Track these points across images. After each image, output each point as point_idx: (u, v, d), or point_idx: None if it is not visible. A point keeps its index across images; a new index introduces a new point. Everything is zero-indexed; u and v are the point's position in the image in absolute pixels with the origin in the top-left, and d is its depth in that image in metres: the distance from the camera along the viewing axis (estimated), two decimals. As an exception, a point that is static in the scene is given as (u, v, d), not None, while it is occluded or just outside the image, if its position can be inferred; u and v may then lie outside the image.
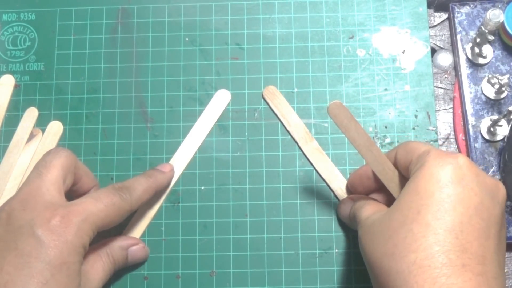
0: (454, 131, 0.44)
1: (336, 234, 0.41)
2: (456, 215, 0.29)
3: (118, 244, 0.38)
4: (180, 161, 0.43)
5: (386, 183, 0.35)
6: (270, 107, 0.44)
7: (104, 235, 0.38)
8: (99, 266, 0.36)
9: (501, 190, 0.32)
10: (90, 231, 0.33)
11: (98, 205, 0.34)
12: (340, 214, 0.41)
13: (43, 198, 0.33)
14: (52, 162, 0.35)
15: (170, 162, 0.43)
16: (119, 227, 0.39)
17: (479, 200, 0.30)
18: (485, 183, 0.31)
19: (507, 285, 0.41)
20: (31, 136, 0.44)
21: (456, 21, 0.45)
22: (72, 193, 0.38)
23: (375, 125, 0.43)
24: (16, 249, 0.31)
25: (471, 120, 0.43)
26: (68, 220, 0.32)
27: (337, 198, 0.42)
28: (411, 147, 0.34)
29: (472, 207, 0.30)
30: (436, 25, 0.46)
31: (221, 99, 0.44)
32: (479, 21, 0.44)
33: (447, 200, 0.30)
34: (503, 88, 0.42)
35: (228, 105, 0.44)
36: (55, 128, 0.44)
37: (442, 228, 0.29)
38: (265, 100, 0.44)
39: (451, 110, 0.44)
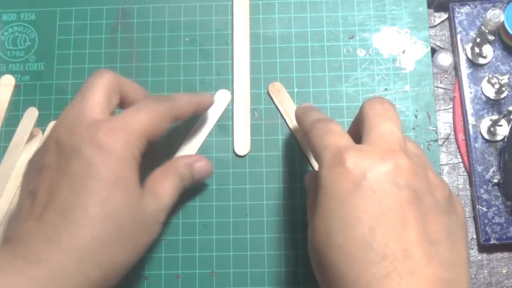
0: (454, 131, 0.44)
1: (336, 234, 0.41)
2: (363, 225, 0.27)
3: (183, 161, 0.38)
4: (180, 161, 0.43)
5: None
6: (274, 103, 0.44)
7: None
8: (166, 183, 0.36)
9: (401, 161, 0.29)
10: (137, 141, 0.33)
11: (140, 114, 0.34)
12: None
13: (86, 120, 0.33)
14: (95, 84, 0.34)
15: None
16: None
17: (381, 195, 0.28)
18: (381, 170, 0.28)
19: (507, 286, 0.41)
20: (31, 136, 0.44)
21: (456, 21, 0.45)
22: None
23: (375, 125, 0.43)
24: (69, 173, 0.31)
25: (471, 120, 0.43)
26: (113, 133, 0.32)
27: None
28: (313, 143, 0.32)
29: (377, 206, 0.27)
30: (436, 25, 0.46)
31: (221, 99, 0.44)
32: (479, 21, 0.44)
33: (349, 214, 0.28)
34: (503, 88, 0.42)
35: (228, 105, 0.44)
36: (55, 128, 0.44)
37: (354, 246, 0.27)
38: (270, 96, 0.44)
39: (451, 110, 0.44)
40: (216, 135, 0.44)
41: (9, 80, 0.45)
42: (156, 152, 0.43)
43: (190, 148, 0.43)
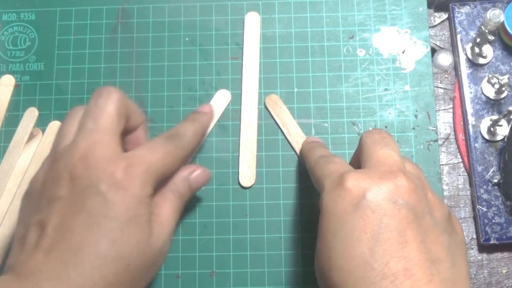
0: (454, 131, 0.44)
1: (336, 234, 0.41)
2: (362, 245, 0.27)
3: (178, 177, 0.37)
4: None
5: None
6: (271, 116, 0.44)
7: None
8: (167, 206, 0.35)
9: (399, 181, 0.29)
10: (153, 181, 0.32)
11: (156, 155, 0.33)
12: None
13: (103, 152, 0.32)
14: (106, 108, 0.33)
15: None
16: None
17: (380, 215, 0.28)
18: (380, 190, 0.29)
19: (507, 286, 0.41)
20: (31, 136, 0.44)
21: (456, 21, 0.45)
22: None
23: (375, 125, 0.43)
24: (84, 210, 0.30)
25: (471, 120, 0.43)
26: (131, 172, 0.31)
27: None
28: (316, 176, 0.33)
29: (376, 226, 0.28)
30: (436, 25, 0.46)
31: (221, 99, 0.44)
32: (479, 21, 0.44)
33: (349, 234, 0.28)
34: (503, 88, 0.42)
35: (228, 105, 0.44)
36: (55, 128, 0.44)
37: (355, 266, 0.27)
38: (266, 109, 0.44)
39: (451, 110, 0.44)
40: (216, 135, 0.44)
41: (9, 80, 0.45)
42: None
43: (190, 148, 0.43)
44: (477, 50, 0.43)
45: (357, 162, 0.34)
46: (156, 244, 0.33)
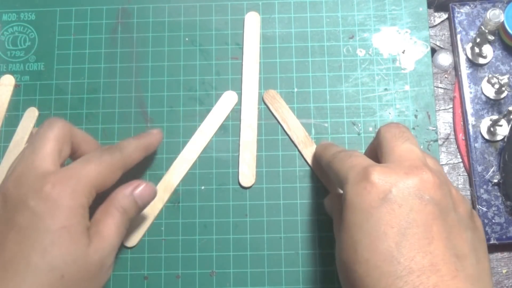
0: (454, 131, 0.44)
1: (336, 234, 0.41)
2: (389, 239, 0.27)
3: (122, 193, 0.36)
4: (185, 161, 0.43)
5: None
6: (270, 111, 0.44)
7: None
8: (109, 222, 0.35)
9: (425, 176, 0.29)
10: (86, 191, 0.33)
11: (90, 166, 0.34)
12: (328, 212, 0.40)
13: (35, 172, 0.33)
14: (46, 135, 0.34)
15: (175, 162, 0.43)
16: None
17: (407, 210, 0.28)
18: (406, 185, 0.29)
19: (507, 286, 0.41)
20: (31, 136, 0.44)
21: (456, 21, 0.45)
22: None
23: (375, 125, 0.43)
24: (15, 226, 0.31)
25: (471, 120, 0.43)
26: (60, 184, 0.32)
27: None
28: (336, 169, 0.33)
29: (403, 220, 0.28)
30: (436, 25, 0.46)
31: (227, 101, 0.44)
32: (479, 21, 0.44)
33: (375, 228, 0.28)
34: (503, 88, 0.42)
35: (236, 104, 0.44)
36: (55, 128, 0.44)
37: (381, 260, 0.27)
38: (265, 104, 0.44)
39: (451, 110, 0.44)
40: (216, 135, 0.44)
41: (9, 80, 0.45)
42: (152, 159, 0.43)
43: (195, 148, 0.43)
44: (477, 50, 0.43)
45: (372, 156, 0.34)
46: (93, 256, 0.33)
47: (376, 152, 0.34)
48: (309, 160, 0.43)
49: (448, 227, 0.28)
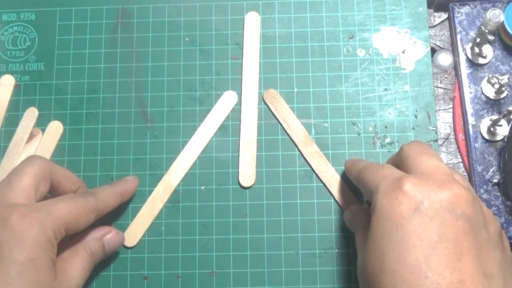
0: (454, 131, 0.44)
1: (336, 234, 0.41)
2: (418, 252, 0.27)
3: (92, 236, 0.38)
4: (185, 161, 0.43)
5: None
6: (270, 110, 0.44)
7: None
8: (76, 261, 0.36)
9: (457, 191, 0.29)
10: (55, 226, 0.33)
11: (60, 204, 0.34)
12: (347, 223, 0.40)
13: (6, 202, 0.33)
14: (23, 169, 0.35)
15: (175, 162, 0.43)
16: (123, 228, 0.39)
17: (438, 223, 0.28)
18: (439, 198, 0.29)
19: (507, 285, 0.41)
20: (31, 136, 0.44)
21: (456, 21, 0.45)
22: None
23: (375, 125, 0.43)
24: None
25: (471, 120, 0.43)
26: (29, 216, 0.32)
27: (337, 202, 0.42)
28: (367, 179, 0.33)
29: (433, 234, 0.28)
30: (436, 25, 0.46)
31: (227, 101, 0.44)
32: (479, 21, 0.44)
33: (405, 239, 0.28)
34: (503, 88, 0.42)
35: (236, 104, 0.44)
36: (55, 128, 0.44)
37: (409, 272, 0.27)
38: (265, 103, 0.44)
39: (451, 110, 0.44)
40: (216, 135, 0.44)
41: (9, 80, 0.45)
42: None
43: (195, 148, 0.43)
44: (477, 50, 0.43)
45: None
46: None
47: (397, 164, 0.34)
48: (310, 160, 0.43)
49: (478, 244, 0.28)
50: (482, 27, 0.41)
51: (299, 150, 0.43)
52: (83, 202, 0.35)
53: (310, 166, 0.42)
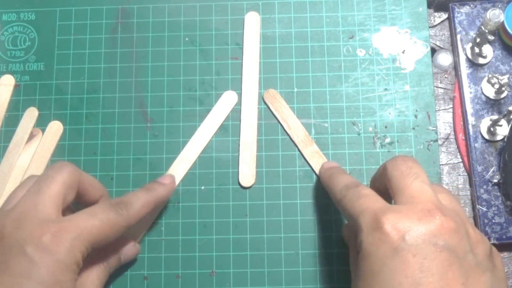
0: (454, 131, 0.44)
1: (336, 234, 0.41)
2: None
3: (110, 248, 0.38)
4: (185, 161, 0.43)
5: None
6: (270, 110, 0.44)
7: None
8: (93, 274, 0.36)
9: (438, 221, 0.29)
10: (83, 247, 0.32)
11: (92, 221, 0.33)
12: (344, 238, 0.40)
13: (37, 215, 0.32)
14: (54, 177, 0.34)
15: (175, 162, 0.43)
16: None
17: (421, 258, 0.28)
18: (420, 232, 0.28)
19: (507, 286, 0.41)
20: (31, 136, 0.44)
21: (456, 21, 0.45)
22: (80, 206, 0.37)
23: (375, 125, 0.43)
24: (8, 269, 0.31)
25: (471, 120, 0.43)
26: (60, 237, 0.31)
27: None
28: (347, 210, 0.33)
29: (417, 270, 0.27)
30: (436, 25, 0.46)
31: (227, 101, 0.44)
32: (479, 21, 0.44)
33: (390, 278, 0.28)
34: (503, 88, 0.42)
35: (236, 104, 0.44)
36: (55, 128, 0.44)
37: None
38: (265, 103, 0.44)
39: (451, 110, 0.44)
40: (216, 135, 0.44)
41: (9, 80, 0.45)
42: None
43: (195, 148, 0.43)
44: (477, 50, 0.43)
45: (379, 189, 0.34)
46: None
47: (381, 186, 0.34)
48: (310, 160, 0.43)
49: (465, 272, 0.28)
50: (482, 27, 0.41)
51: (299, 150, 0.43)
52: (115, 219, 0.34)
53: (310, 166, 0.42)
